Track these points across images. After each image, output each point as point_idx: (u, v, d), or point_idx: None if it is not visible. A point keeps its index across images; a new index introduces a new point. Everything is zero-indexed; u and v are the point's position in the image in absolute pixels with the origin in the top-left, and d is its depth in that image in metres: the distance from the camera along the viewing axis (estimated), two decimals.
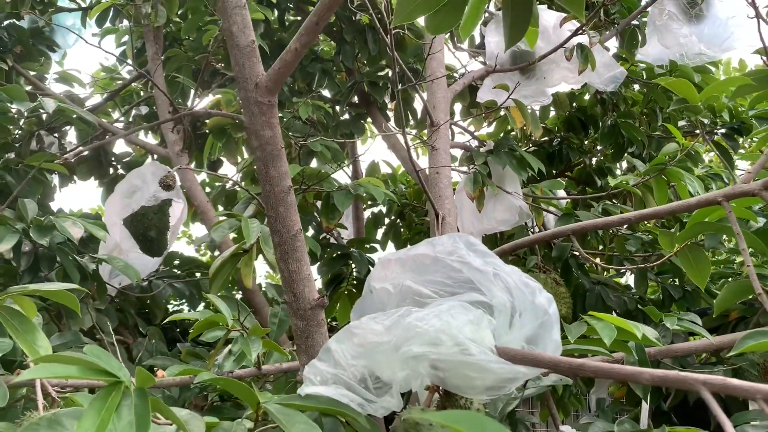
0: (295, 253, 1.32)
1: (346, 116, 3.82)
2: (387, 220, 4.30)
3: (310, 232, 3.31)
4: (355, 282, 3.08)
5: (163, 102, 3.02)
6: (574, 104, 3.90)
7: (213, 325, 1.67)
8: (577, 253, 2.89)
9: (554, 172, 4.13)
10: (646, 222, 2.93)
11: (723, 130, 3.49)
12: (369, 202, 4.03)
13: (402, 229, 4.35)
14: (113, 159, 3.53)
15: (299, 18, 3.75)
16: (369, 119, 3.87)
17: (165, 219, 2.91)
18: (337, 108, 3.64)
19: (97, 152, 3.43)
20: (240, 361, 1.73)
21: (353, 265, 2.98)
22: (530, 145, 3.87)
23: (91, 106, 3.54)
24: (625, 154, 3.74)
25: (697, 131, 3.48)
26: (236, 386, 1.10)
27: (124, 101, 3.97)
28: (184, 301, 3.96)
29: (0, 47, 3.25)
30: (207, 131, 3.37)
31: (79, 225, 2.14)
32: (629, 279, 3.76)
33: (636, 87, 3.77)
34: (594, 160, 4.13)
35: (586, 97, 3.88)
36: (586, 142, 4.10)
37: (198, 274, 3.64)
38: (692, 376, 0.92)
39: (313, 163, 3.62)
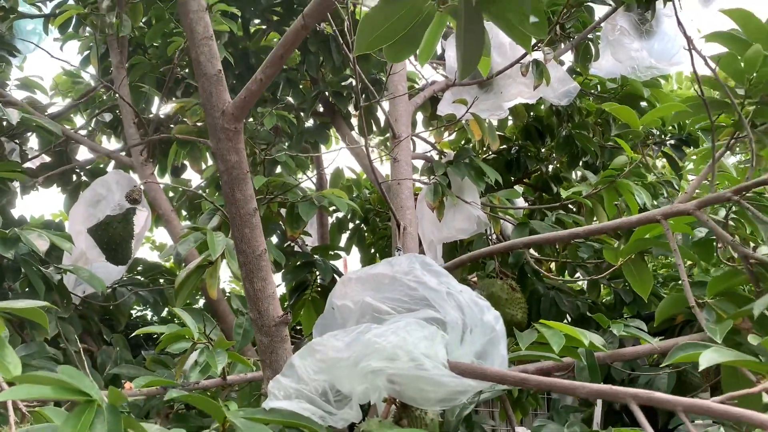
0: (260, 272, 1.38)
1: (311, 124, 3.88)
2: (351, 225, 4.38)
3: (275, 239, 3.36)
4: (319, 289, 3.15)
5: (128, 111, 3.04)
6: (531, 114, 4.04)
7: (179, 338, 1.73)
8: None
9: (512, 179, 4.27)
10: None
11: (672, 141, 3.66)
12: (332, 209, 4.11)
13: (366, 234, 4.44)
14: (77, 167, 3.52)
15: (263, 27, 3.79)
16: (333, 128, 3.93)
17: (129, 227, 2.93)
18: (302, 116, 3.70)
19: (60, 159, 3.42)
20: (205, 372, 1.78)
21: (317, 273, 3.05)
22: (489, 153, 3.99)
23: (53, 112, 3.53)
24: (580, 163, 3.89)
25: (649, 142, 3.65)
26: (203, 402, 1.16)
27: (87, 106, 3.96)
28: (147, 306, 3.99)
29: None
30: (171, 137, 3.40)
31: (45, 237, 2.16)
32: (583, 283, 3.90)
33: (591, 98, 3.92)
34: (550, 168, 4.28)
35: (543, 107, 4.02)
36: (542, 151, 4.24)
37: (162, 281, 3.68)
38: (622, 390, 1.03)
39: (279, 169, 3.68)
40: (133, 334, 1.95)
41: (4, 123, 3.25)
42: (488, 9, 1.39)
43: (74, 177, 3.53)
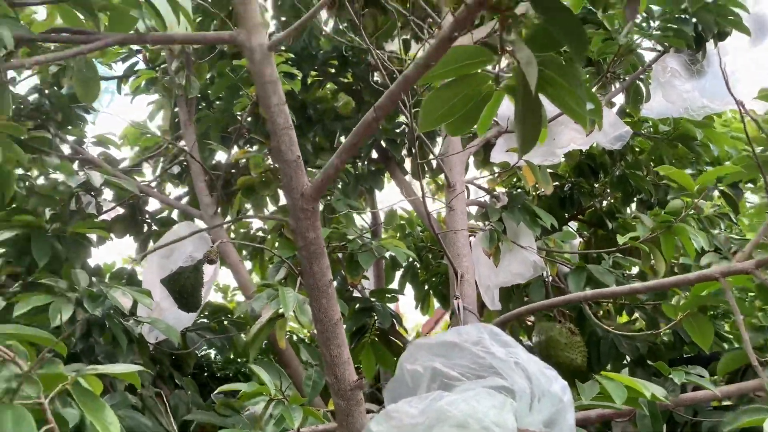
0: (336, 340, 1.49)
1: (366, 170, 4.01)
2: (405, 263, 4.47)
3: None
4: (377, 332, 3.25)
5: (197, 166, 3.23)
6: (584, 152, 4.08)
7: (257, 394, 1.84)
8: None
9: (566, 215, 4.30)
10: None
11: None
12: None
13: (419, 271, 4.52)
14: (147, 216, 3.73)
15: (320, 78, 3.96)
16: (387, 172, 4.06)
17: (199, 277, 3.09)
18: (358, 163, 3.84)
19: (132, 210, 3.63)
20: (280, 424, 1.90)
21: (375, 317, 3.16)
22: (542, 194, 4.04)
23: (125, 167, 3.76)
24: (634, 200, 3.91)
25: None
26: None
27: (151, 151, 4.20)
28: (213, 348, 4.16)
29: (43, 115, 3.48)
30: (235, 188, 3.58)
31: (128, 295, 2.33)
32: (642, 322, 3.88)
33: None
34: (604, 203, 4.29)
35: (595, 144, 4.06)
36: (596, 187, 4.27)
37: (226, 322, 3.85)
38: None
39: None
40: (217, 391, 2.08)
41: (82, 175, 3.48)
42: (546, 91, 1.47)
43: (145, 227, 3.74)
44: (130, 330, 2.48)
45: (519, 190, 3.81)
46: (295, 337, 4.84)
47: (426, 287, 4.51)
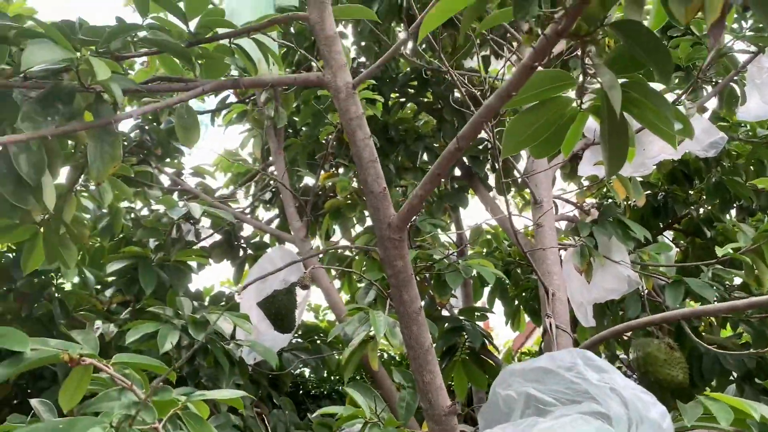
0: (428, 365, 1.51)
1: (450, 188, 4.03)
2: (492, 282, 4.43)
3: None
4: (468, 351, 3.24)
5: (287, 193, 3.36)
6: (676, 159, 3.92)
7: (354, 417, 1.90)
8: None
9: (660, 224, 4.14)
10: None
11: None
12: None
13: (508, 286, 4.47)
14: (242, 241, 3.91)
15: (401, 99, 4.02)
16: (471, 189, 4.06)
17: (293, 299, 3.21)
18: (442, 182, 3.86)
19: (228, 236, 3.81)
20: None
21: (466, 336, 3.15)
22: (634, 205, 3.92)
23: (221, 195, 3.96)
24: (733, 207, 3.72)
25: None
26: None
27: (243, 179, 4.41)
28: (306, 366, 4.30)
29: (144, 151, 3.72)
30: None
31: (229, 320, 2.45)
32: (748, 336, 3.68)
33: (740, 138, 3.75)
34: (701, 210, 4.10)
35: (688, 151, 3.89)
36: (691, 193, 4.09)
37: (318, 341, 3.96)
38: None
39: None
40: (316, 414, 2.15)
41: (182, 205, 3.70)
42: (631, 111, 1.46)
43: (241, 251, 3.92)
44: (231, 353, 2.60)
45: (609, 200, 3.72)
46: (385, 355, 4.91)
47: (516, 302, 4.46)
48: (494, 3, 1.08)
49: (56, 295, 2.94)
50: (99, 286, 3.20)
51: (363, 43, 3.95)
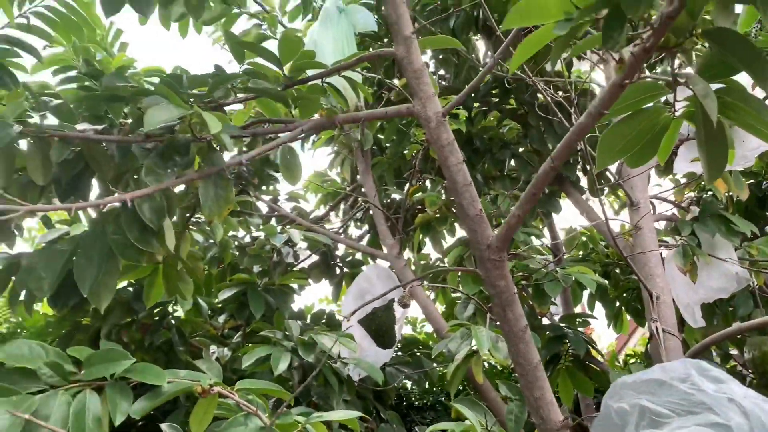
0: (537, 382, 1.54)
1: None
2: (594, 290, 4.34)
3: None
4: (571, 358, 3.21)
5: (379, 213, 3.45)
6: None
7: None
8: None
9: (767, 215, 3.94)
10: None
11: None
12: None
13: (608, 288, 4.37)
14: (338, 260, 4.03)
15: (484, 108, 4.04)
16: (563, 194, 4.01)
17: (392, 315, 3.30)
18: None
19: (325, 257, 3.95)
20: None
21: (568, 343, 3.12)
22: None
23: (315, 217, 4.11)
24: None
25: None
26: None
27: (332, 197, 4.56)
28: (409, 380, 4.37)
29: (243, 181, 3.92)
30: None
31: (335, 340, 2.56)
32: None
33: None
34: None
35: None
36: None
37: (418, 353, 4.02)
38: None
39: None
40: (428, 431, 2.21)
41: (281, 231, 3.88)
42: (728, 115, 1.43)
43: (337, 270, 4.04)
44: (338, 371, 2.70)
45: (709, 193, 3.58)
46: (486, 365, 4.91)
47: (617, 304, 4.35)
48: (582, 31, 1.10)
49: (173, 323, 3.16)
50: (211, 312, 3.40)
51: (441, 56, 4.00)
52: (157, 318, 3.12)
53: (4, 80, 2.68)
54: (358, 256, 4.20)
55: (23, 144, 1.89)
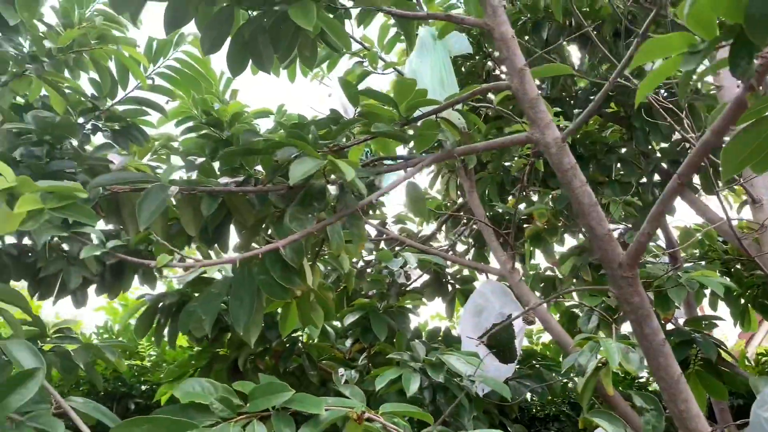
0: (680, 395, 1.55)
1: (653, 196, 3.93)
2: (722, 292, 4.19)
3: None
4: (701, 362, 3.12)
5: (489, 230, 3.51)
6: None
7: None
8: None
9: None
10: None
11: None
12: None
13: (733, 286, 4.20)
14: (450, 277, 4.12)
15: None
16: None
17: (511, 330, 3.34)
18: (641, 193, 3.78)
19: (437, 275, 4.04)
20: None
21: (697, 348, 3.05)
22: None
23: (423, 236, 4.22)
24: None
25: None
26: None
27: (441, 219, 4.65)
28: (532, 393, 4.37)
29: None
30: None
31: (460, 359, 2.64)
32: None
33: None
34: None
35: None
36: None
37: (538, 366, 4.02)
38: None
39: None
40: None
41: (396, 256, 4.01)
42: None
43: (449, 287, 4.12)
44: (467, 389, 2.77)
45: None
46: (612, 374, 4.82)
47: (742, 301, 4.18)
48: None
49: (303, 349, 3.34)
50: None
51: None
52: (288, 345, 3.31)
53: (136, 136, 2.98)
54: (466, 271, 4.26)
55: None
